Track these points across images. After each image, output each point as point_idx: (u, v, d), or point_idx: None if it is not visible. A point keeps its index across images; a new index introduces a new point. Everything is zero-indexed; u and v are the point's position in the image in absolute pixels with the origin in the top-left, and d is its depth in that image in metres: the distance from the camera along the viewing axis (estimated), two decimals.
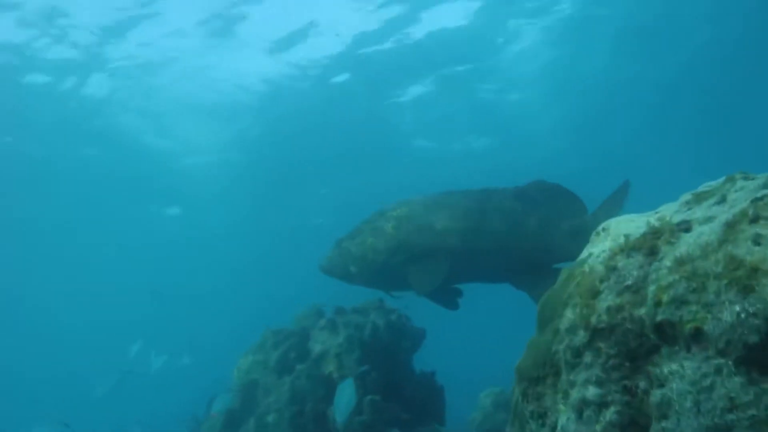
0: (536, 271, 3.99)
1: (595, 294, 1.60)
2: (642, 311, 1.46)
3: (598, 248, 1.82)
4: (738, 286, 1.20)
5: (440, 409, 4.66)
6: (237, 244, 21.82)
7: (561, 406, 1.55)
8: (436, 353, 5.34)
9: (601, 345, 1.50)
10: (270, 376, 4.40)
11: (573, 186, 4.18)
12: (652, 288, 1.40)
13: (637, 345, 1.46)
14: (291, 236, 20.30)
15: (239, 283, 25.33)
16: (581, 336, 1.55)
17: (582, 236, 4.00)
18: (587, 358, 1.52)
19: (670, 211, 1.72)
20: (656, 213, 1.85)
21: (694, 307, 1.27)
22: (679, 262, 1.40)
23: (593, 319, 1.54)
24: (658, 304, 1.35)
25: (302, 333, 4.66)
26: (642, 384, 1.42)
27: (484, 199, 4.12)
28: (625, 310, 1.50)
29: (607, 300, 1.55)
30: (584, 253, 1.88)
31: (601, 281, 1.62)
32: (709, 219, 1.51)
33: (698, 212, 1.57)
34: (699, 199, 1.66)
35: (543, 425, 1.62)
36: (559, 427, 1.53)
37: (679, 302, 1.30)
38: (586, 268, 1.74)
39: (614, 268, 1.61)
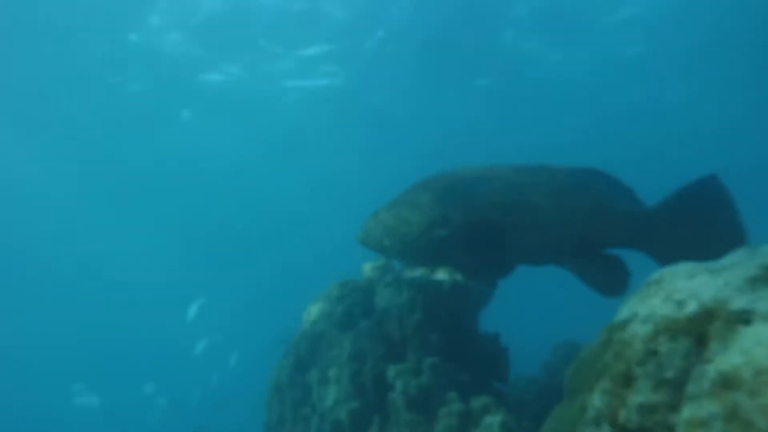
0: (584, 254, 3.68)
1: (629, 381, 1.42)
2: (677, 417, 1.27)
3: (645, 308, 1.60)
4: None
5: (503, 371, 4.60)
6: None
7: None
8: (504, 313, 5.23)
9: None
10: (334, 329, 4.48)
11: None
12: (685, 413, 1.20)
13: None
14: None
15: None
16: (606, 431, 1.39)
17: (638, 226, 3.65)
18: None
19: (735, 281, 1.46)
20: (722, 269, 1.59)
21: None
22: (723, 382, 1.18)
23: (622, 416, 1.37)
24: None
25: (368, 287, 4.67)
26: None
27: (533, 173, 3.77)
28: (659, 412, 1.31)
29: (641, 394, 1.37)
30: (629, 310, 1.66)
31: (639, 364, 1.42)
32: None
33: (765, 302, 1.32)
34: None
35: None
36: None
37: None
38: (627, 336, 1.54)
39: (655, 353, 1.41)
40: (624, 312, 1.68)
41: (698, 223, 3.54)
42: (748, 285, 1.39)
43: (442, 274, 4.63)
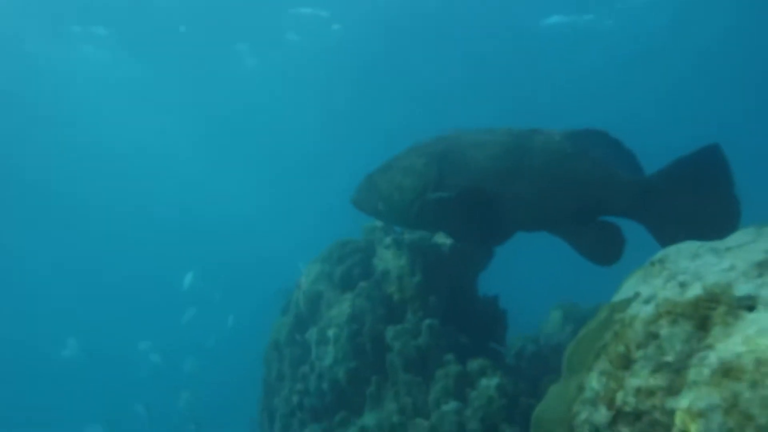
0: (581, 222, 3.62)
1: (628, 363, 1.40)
2: (676, 403, 1.26)
3: (647, 288, 1.58)
4: None
5: (501, 333, 4.64)
6: None
7: None
8: (503, 275, 5.23)
9: (623, 430, 1.33)
10: (333, 290, 4.49)
11: None
12: (684, 402, 1.19)
13: None
14: None
15: None
16: (603, 414, 1.38)
17: (637, 195, 3.56)
18: None
19: (741, 264, 1.43)
20: (726, 250, 1.56)
21: None
22: (724, 371, 1.16)
23: (619, 398, 1.36)
24: None
25: (368, 248, 4.66)
26: None
27: (528, 138, 3.63)
28: (657, 397, 1.30)
29: (639, 377, 1.36)
30: (631, 289, 1.64)
31: (638, 347, 1.41)
32: None
33: None
34: None
35: None
36: None
37: None
38: (627, 317, 1.52)
39: (655, 336, 1.39)
40: (625, 291, 1.66)
41: (696, 193, 3.46)
42: (753, 270, 1.36)
43: (442, 237, 4.61)
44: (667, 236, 3.55)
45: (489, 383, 3.56)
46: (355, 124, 20.40)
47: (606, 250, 3.63)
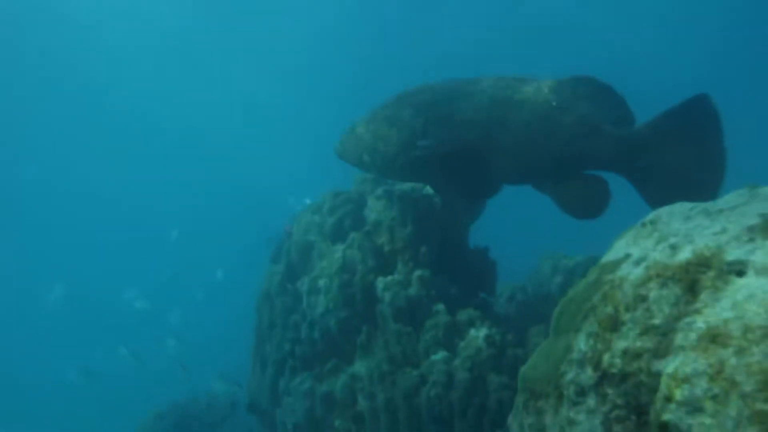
0: (565, 175, 3.58)
1: (616, 326, 1.41)
2: (662, 366, 1.28)
3: (638, 250, 1.58)
4: (762, 423, 0.99)
5: (491, 283, 4.68)
6: None
7: None
8: (495, 226, 5.23)
9: (609, 392, 1.35)
10: (324, 240, 4.49)
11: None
12: (670, 367, 1.19)
13: (649, 401, 1.30)
14: None
15: None
16: (589, 375, 1.40)
17: (633, 149, 3.52)
18: (591, 401, 1.38)
19: (733, 228, 1.42)
20: (719, 212, 1.55)
21: (708, 421, 1.08)
22: (711, 336, 1.17)
23: (605, 360, 1.37)
24: (668, 399, 1.16)
25: (359, 199, 4.64)
26: None
27: (515, 89, 3.57)
28: (644, 359, 1.32)
29: (626, 339, 1.37)
30: (621, 249, 1.64)
31: (627, 309, 1.41)
32: None
33: (761, 253, 1.29)
34: None
35: None
36: None
37: (693, 409, 1.11)
38: (617, 279, 1.52)
39: (644, 298, 1.39)
40: (616, 251, 1.65)
41: (684, 146, 3.42)
42: (745, 234, 1.35)
43: None
44: (651, 190, 3.55)
45: (477, 334, 3.61)
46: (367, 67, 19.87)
47: (588, 204, 3.62)
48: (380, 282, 4.11)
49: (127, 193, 25.14)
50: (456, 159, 3.60)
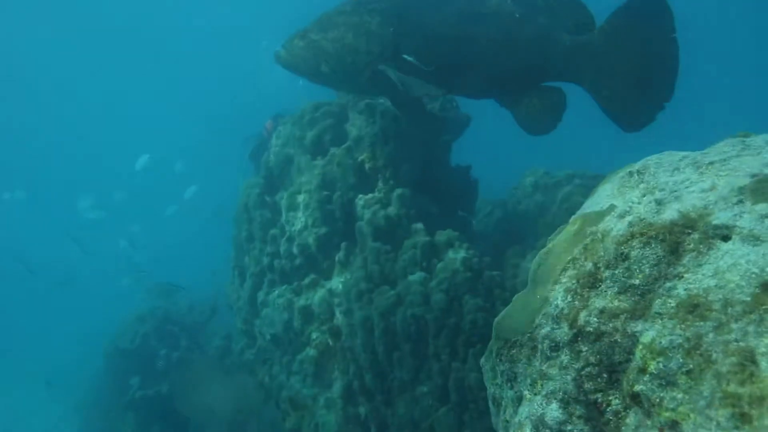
0: (526, 87, 3.56)
1: (595, 283, 1.39)
2: (638, 327, 1.27)
3: (623, 202, 1.54)
4: (733, 407, 0.99)
5: (471, 202, 4.67)
6: None
7: (527, 393, 1.47)
8: (479, 143, 5.16)
9: (584, 349, 1.35)
10: (304, 154, 4.39)
11: None
12: (646, 336, 1.18)
13: (622, 360, 1.30)
14: None
15: None
16: (564, 331, 1.39)
17: (584, 55, 3.49)
18: (564, 357, 1.38)
19: (721, 188, 1.37)
20: (709, 164, 1.50)
21: (680, 396, 1.07)
22: (690, 306, 1.15)
23: (582, 317, 1.36)
24: (642, 370, 1.15)
25: (341, 113, 4.50)
26: (615, 403, 1.30)
27: (481, 1, 3.50)
28: (620, 319, 1.30)
29: (604, 298, 1.35)
30: (606, 199, 1.59)
31: (607, 267, 1.39)
32: (756, 240, 1.20)
33: (747, 218, 1.25)
34: (761, 191, 1.30)
35: (511, 388, 1.56)
36: (519, 417, 1.46)
37: (666, 382, 1.10)
38: (600, 232, 1.48)
39: (625, 257, 1.36)
40: (599, 199, 1.61)
41: (633, 43, 3.42)
42: (734, 195, 1.31)
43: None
44: (606, 96, 3.56)
45: (455, 256, 3.62)
46: None
47: (543, 118, 3.64)
48: (360, 199, 4.07)
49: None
50: (431, 76, 3.49)
